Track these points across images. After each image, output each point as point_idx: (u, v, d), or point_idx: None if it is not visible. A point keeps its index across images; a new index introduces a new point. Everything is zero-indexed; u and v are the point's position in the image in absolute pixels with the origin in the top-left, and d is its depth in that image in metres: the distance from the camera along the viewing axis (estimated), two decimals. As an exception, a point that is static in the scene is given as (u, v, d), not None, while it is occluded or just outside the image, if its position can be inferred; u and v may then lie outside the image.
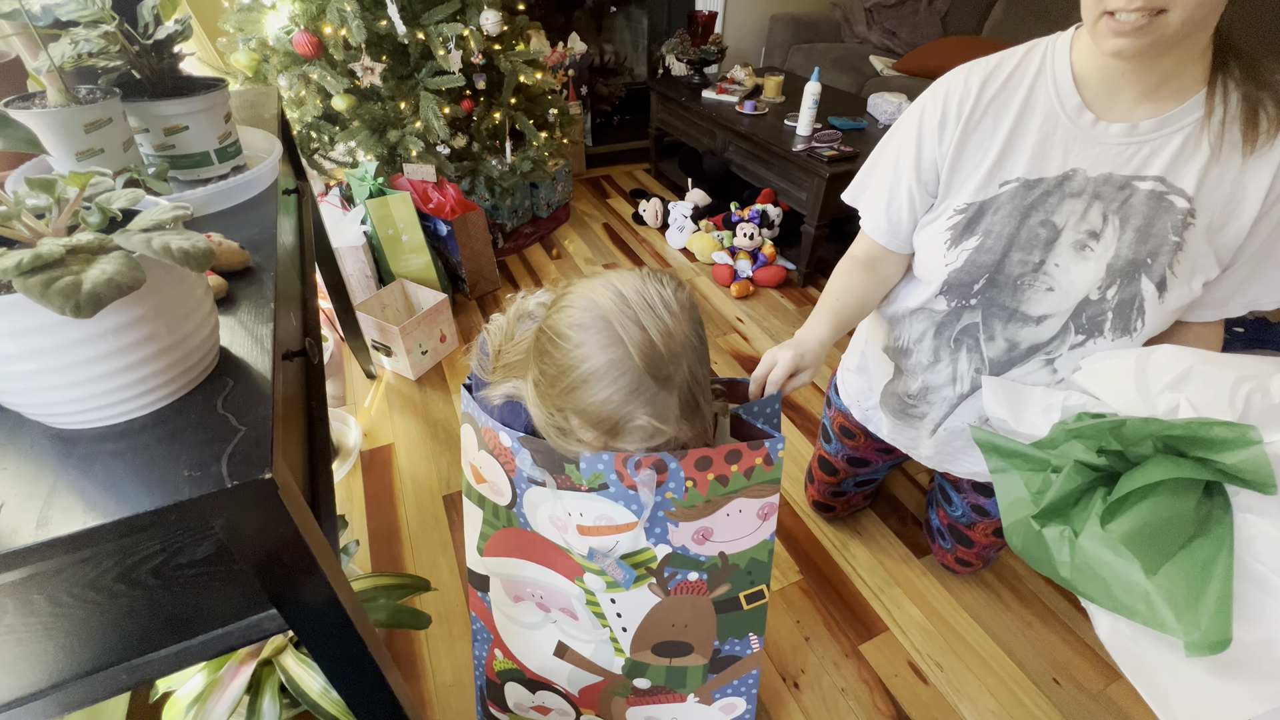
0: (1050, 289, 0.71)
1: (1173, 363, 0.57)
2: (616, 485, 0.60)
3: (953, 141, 0.72)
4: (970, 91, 0.70)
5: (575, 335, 0.51)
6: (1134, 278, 0.67)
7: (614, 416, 0.51)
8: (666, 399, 0.52)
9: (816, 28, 3.21)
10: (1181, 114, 0.62)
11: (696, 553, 0.66)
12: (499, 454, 0.64)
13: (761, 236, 2.14)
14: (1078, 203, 0.68)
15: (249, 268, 0.61)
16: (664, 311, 0.52)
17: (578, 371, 0.51)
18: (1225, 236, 0.65)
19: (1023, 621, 1.13)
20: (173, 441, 0.41)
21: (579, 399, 0.52)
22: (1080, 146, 0.67)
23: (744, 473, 0.61)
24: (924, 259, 0.80)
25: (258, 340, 0.52)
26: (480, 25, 1.83)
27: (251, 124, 0.99)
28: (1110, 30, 0.56)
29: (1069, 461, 0.60)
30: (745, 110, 2.22)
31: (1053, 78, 0.67)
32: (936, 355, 0.84)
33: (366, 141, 1.83)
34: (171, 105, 0.71)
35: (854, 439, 1.10)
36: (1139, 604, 0.53)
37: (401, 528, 1.26)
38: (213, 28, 1.86)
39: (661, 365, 0.51)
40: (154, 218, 0.41)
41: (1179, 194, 0.64)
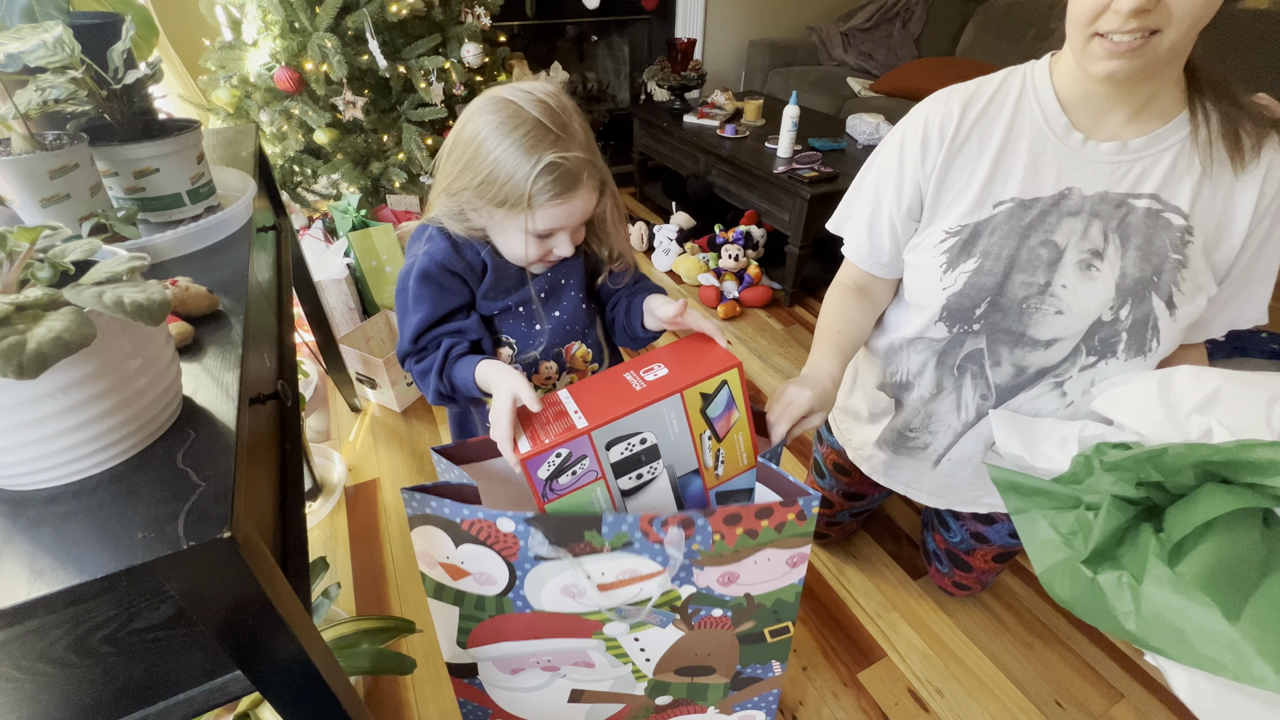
0: (1059, 311, 0.70)
1: (1198, 384, 0.55)
2: (642, 541, 0.58)
3: (936, 163, 0.71)
4: (952, 114, 0.70)
5: (471, 124, 0.61)
6: (1145, 297, 0.67)
7: (525, 167, 0.58)
8: (569, 142, 0.60)
9: (794, 51, 3.27)
10: (1168, 132, 0.63)
11: (721, 593, 0.64)
12: (495, 542, 0.59)
13: (746, 257, 2.15)
14: (1077, 221, 0.67)
15: (218, 312, 0.60)
16: (538, 89, 0.61)
17: (479, 141, 0.60)
18: (1220, 254, 0.66)
19: (1022, 643, 1.11)
20: (128, 501, 0.39)
21: (485, 165, 0.60)
22: (1073, 165, 0.67)
23: (775, 527, 0.59)
24: (919, 284, 0.78)
25: (223, 388, 0.50)
26: (461, 58, 1.85)
27: (227, 162, 0.98)
28: (1104, 52, 0.57)
29: (1104, 497, 0.56)
30: (726, 134, 2.25)
31: (1036, 100, 0.68)
32: (939, 385, 0.81)
33: (349, 174, 1.84)
34: (142, 148, 0.70)
35: (849, 475, 1.08)
36: (1225, 655, 0.47)
37: (387, 566, 1.23)
38: (194, 65, 1.87)
39: (555, 116, 0.59)
40: (109, 269, 0.40)
41: (1174, 211, 0.64)
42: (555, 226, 0.64)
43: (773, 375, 1.80)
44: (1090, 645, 1.10)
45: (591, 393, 0.59)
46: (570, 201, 0.62)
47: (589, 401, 0.58)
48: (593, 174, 0.64)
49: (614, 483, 0.60)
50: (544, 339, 0.75)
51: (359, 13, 1.66)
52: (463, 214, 0.68)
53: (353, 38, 1.71)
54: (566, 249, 0.67)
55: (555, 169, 0.59)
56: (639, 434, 0.58)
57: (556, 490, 0.58)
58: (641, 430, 0.58)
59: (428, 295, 0.68)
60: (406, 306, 0.70)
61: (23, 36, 0.64)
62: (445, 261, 0.68)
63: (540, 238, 0.65)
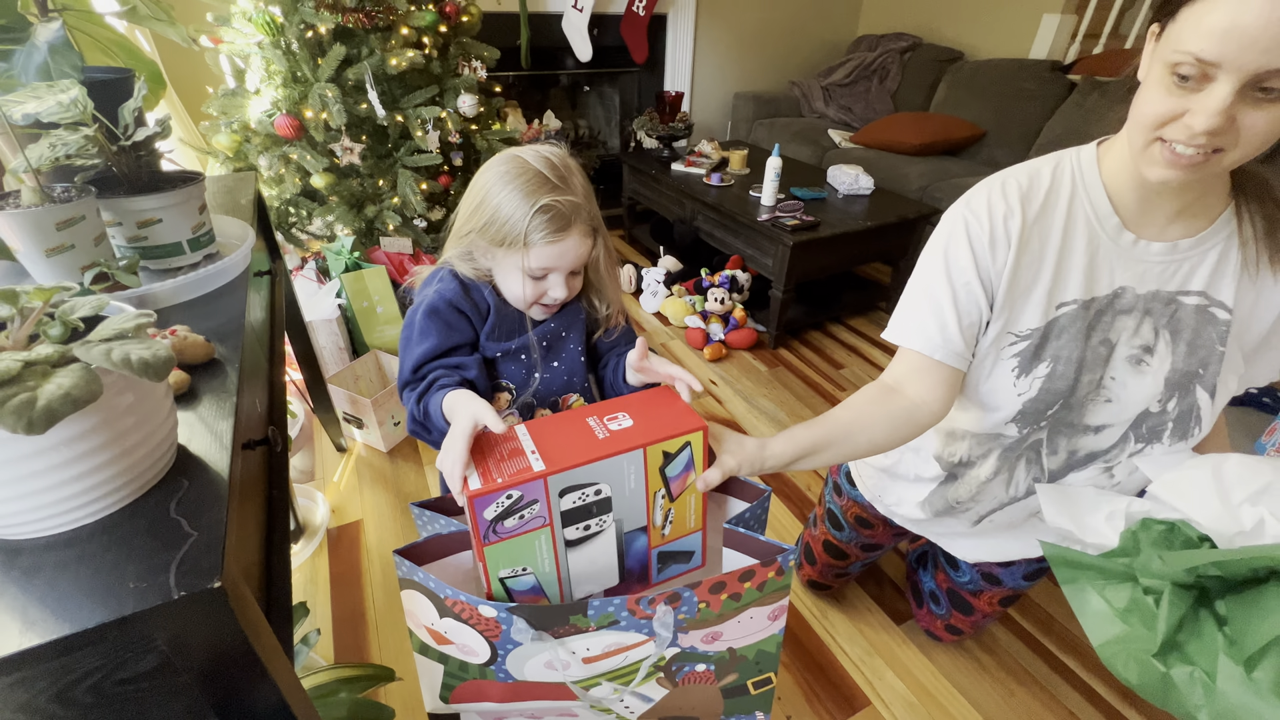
0: (1109, 400, 0.72)
1: (1250, 475, 0.56)
2: (628, 619, 0.58)
3: (1008, 260, 0.68)
4: (1014, 209, 0.68)
5: (482, 175, 0.70)
6: (1190, 389, 0.69)
7: (523, 208, 0.65)
8: (565, 190, 0.67)
9: (778, 104, 3.42)
10: (1214, 231, 0.65)
11: (705, 650, 0.65)
12: (477, 623, 0.59)
13: (732, 301, 2.20)
14: (1130, 319, 0.69)
15: (214, 359, 0.62)
16: (547, 149, 0.70)
17: (486, 188, 0.68)
18: (1249, 338, 0.69)
19: (1004, 689, 1.11)
20: (121, 550, 0.41)
21: (490, 208, 0.68)
22: (1125, 265, 0.68)
23: (757, 587, 0.60)
24: (987, 386, 0.76)
25: (217, 436, 0.52)
26: (458, 108, 1.92)
27: (227, 210, 1.01)
28: (1164, 160, 0.56)
29: (1164, 584, 0.57)
30: (712, 182, 2.34)
31: (1088, 197, 0.68)
32: (997, 471, 0.81)
33: (344, 216, 1.88)
34: (147, 200, 0.73)
35: (872, 528, 1.07)
36: None
37: (368, 610, 1.21)
38: (196, 110, 1.92)
39: (555, 169, 0.67)
40: (116, 326, 0.42)
41: (1220, 306, 0.67)
42: (548, 266, 0.70)
43: (757, 417, 1.83)
44: (1071, 691, 1.11)
45: (552, 434, 0.58)
46: (563, 242, 0.68)
47: (548, 443, 0.57)
48: (586, 220, 0.70)
49: (560, 531, 0.58)
50: (542, 386, 0.78)
51: (360, 65, 1.73)
52: (470, 255, 0.74)
53: (353, 88, 1.78)
54: (560, 291, 0.72)
55: (549, 210, 0.66)
56: (594, 485, 0.57)
57: (499, 534, 0.56)
58: (598, 482, 0.57)
59: (433, 329, 0.72)
60: (411, 339, 0.73)
61: (40, 96, 0.67)
62: (454, 300, 0.73)
63: (536, 278, 0.71)
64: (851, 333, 2.28)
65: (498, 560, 0.57)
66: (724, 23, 3.28)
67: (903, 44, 3.26)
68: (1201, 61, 0.50)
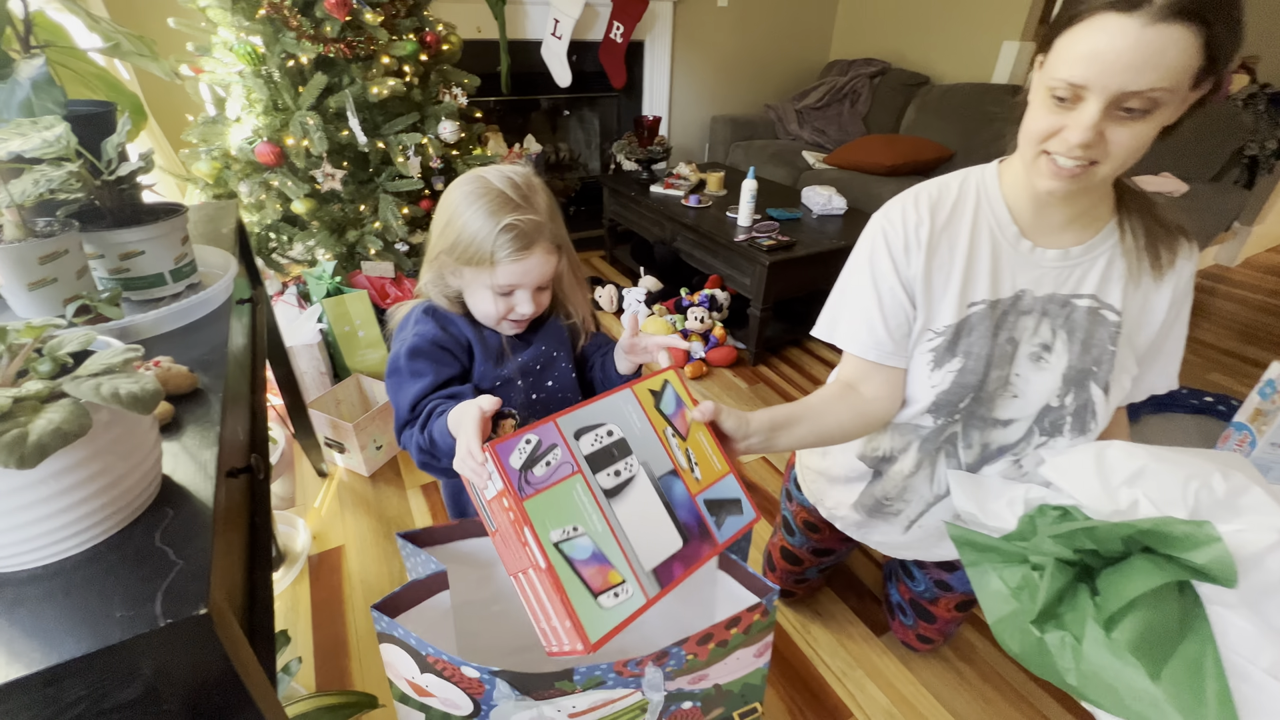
0: (1015, 396, 0.77)
1: (1127, 460, 0.60)
2: (616, 679, 0.58)
3: (920, 263, 0.75)
4: (924, 217, 0.75)
5: (448, 196, 0.72)
6: (1085, 385, 0.74)
7: (486, 228, 0.68)
8: (527, 210, 0.69)
9: (754, 127, 3.51)
10: (1101, 240, 0.72)
11: (691, 689, 0.65)
12: (459, 681, 0.58)
13: (712, 319, 2.24)
14: (1030, 319, 0.75)
15: (197, 389, 0.63)
16: (514, 170, 0.73)
17: (453, 209, 0.71)
18: (1139, 341, 0.75)
19: (983, 698, 1.13)
20: (106, 580, 0.41)
21: (456, 228, 0.70)
22: (1024, 269, 0.74)
23: (743, 631, 0.61)
24: (908, 382, 0.82)
25: (201, 465, 0.53)
26: (438, 134, 1.95)
27: (209, 238, 1.02)
28: (1049, 171, 0.63)
29: (1047, 559, 0.61)
30: (690, 203, 2.39)
31: (990, 208, 0.74)
32: (919, 465, 0.86)
33: (325, 241, 1.89)
34: (130, 233, 0.74)
35: (819, 532, 1.11)
36: (1150, 711, 0.53)
37: (349, 637, 1.20)
38: (176, 137, 1.93)
39: (518, 189, 0.70)
40: (104, 361, 0.43)
41: (1110, 309, 0.73)
42: (514, 283, 0.72)
43: (739, 433, 1.85)
44: (1048, 699, 1.13)
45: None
46: (527, 259, 0.71)
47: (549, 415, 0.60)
48: (549, 238, 0.72)
49: (593, 479, 0.56)
50: (540, 407, 0.80)
51: (341, 93, 1.76)
52: (442, 278, 0.77)
53: (334, 115, 1.80)
54: (527, 306, 0.74)
55: (513, 229, 0.69)
56: (604, 424, 0.59)
57: (533, 484, 0.54)
58: (606, 421, 0.59)
59: (422, 368, 0.74)
60: (402, 383, 0.74)
61: (25, 133, 0.69)
62: (435, 338, 0.75)
63: (503, 295, 0.73)
64: (829, 348, 2.33)
65: (543, 518, 0.52)
66: (700, 48, 3.37)
67: (872, 69, 3.38)
68: (1072, 85, 0.57)
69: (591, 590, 0.51)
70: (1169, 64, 0.53)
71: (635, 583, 0.54)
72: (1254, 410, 1.26)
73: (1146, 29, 0.52)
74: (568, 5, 2.75)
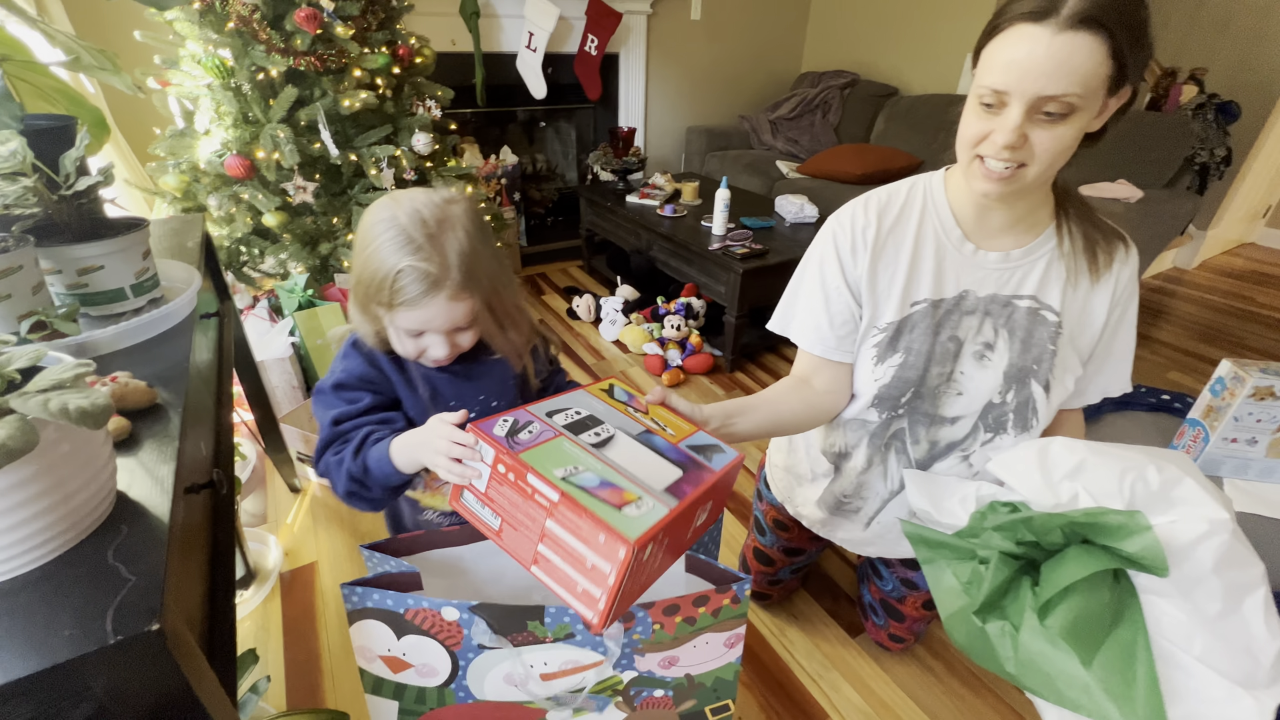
0: (960, 393, 0.80)
1: (1068, 454, 0.63)
2: (583, 633, 0.59)
3: (865, 264, 0.79)
4: (871, 221, 0.79)
5: (360, 225, 0.66)
6: (1026, 383, 0.77)
7: (385, 267, 0.62)
8: (430, 252, 0.63)
9: (728, 137, 3.57)
10: (1040, 243, 0.75)
11: (663, 675, 0.66)
12: (439, 631, 0.59)
13: (688, 327, 2.26)
14: (973, 319, 0.78)
15: (157, 404, 0.62)
16: (436, 196, 0.66)
17: (360, 239, 0.65)
18: (1082, 342, 0.77)
19: (955, 695, 1.15)
20: (56, 598, 0.41)
21: (362, 260, 0.65)
22: (968, 271, 0.77)
23: (712, 613, 0.62)
24: (855, 376, 0.86)
25: (158, 481, 0.52)
26: (412, 146, 1.95)
27: (174, 253, 1.01)
28: (982, 174, 0.67)
29: (993, 552, 0.63)
30: (666, 213, 2.42)
31: (936, 213, 0.78)
32: (870, 460, 0.89)
33: (297, 254, 1.87)
34: (88, 248, 0.73)
35: (788, 531, 1.13)
36: (1082, 696, 0.55)
37: (322, 655, 1.18)
38: (143, 151, 1.91)
39: (425, 227, 0.63)
40: (54, 377, 0.43)
41: (1049, 309, 0.76)
42: (414, 328, 0.66)
43: (716, 439, 1.87)
44: (1018, 694, 1.16)
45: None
46: (425, 307, 0.64)
47: None
48: (458, 283, 0.64)
49: (576, 438, 0.58)
50: None
51: (313, 106, 1.75)
52: (364, 309, 0.70)
53: (305, 128, 1.79)
54: (440, 350, 0.68)
55: (410, 274, 0.62)
56: (571, 407, 0.63)
57: (521, 444, 0.55)
58: (572, 405, 0.63)
59: (346, 397, 0.71)
60: (327, 404, 0.71)
61: (-23, 149, 0.68)
62: (362, 374, 0.72)
63: (413, 335, 0.68)
64: (805, 354, 2.36)
65: (544, 461, 0.53)
66: (674, 61, 3.42)
67: (842, 80, 3.45)
68: (996, 91, 0.62)
69: (613, 506, 0.51)
70: (1078, 69, 0.57)
71: (652, 499, 0.53)
72: (1206, 407, 1.31)
73: (1056, 37, 0.57)
74: (542, 18, 2.77)
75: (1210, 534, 0.49)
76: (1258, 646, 0.49)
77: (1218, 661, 0.50)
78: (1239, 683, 0.49)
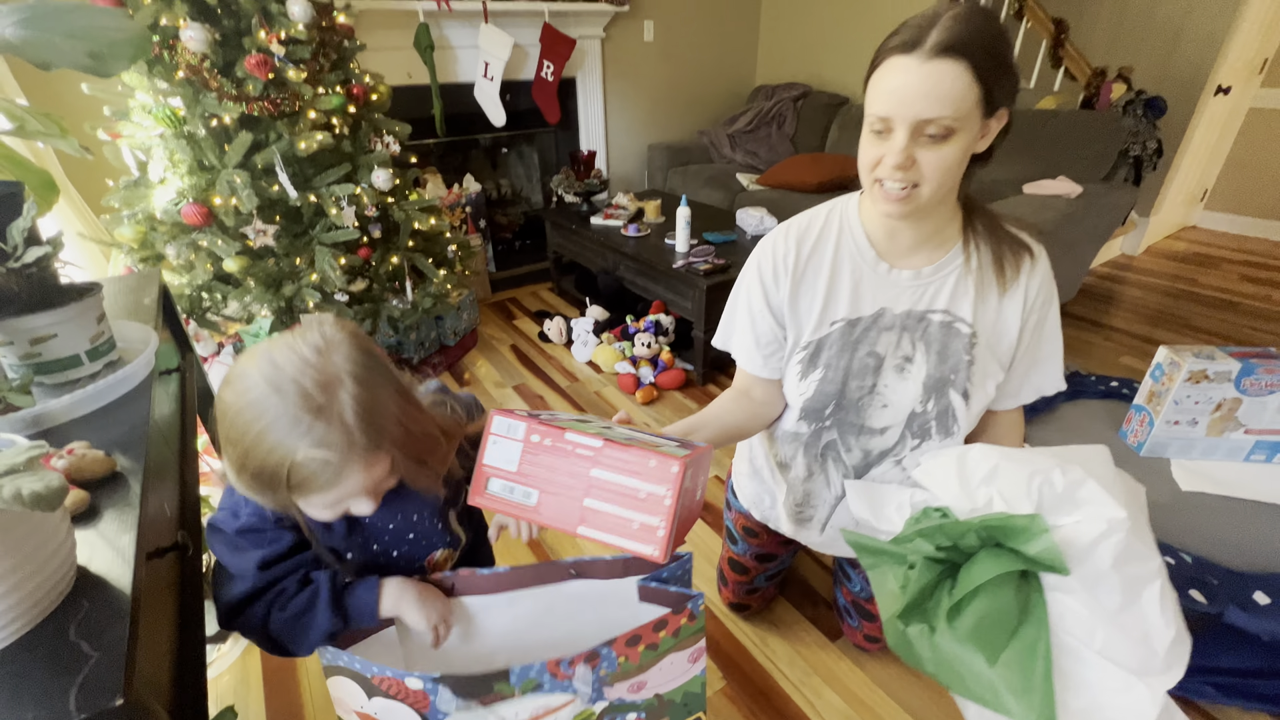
0: (885, 405, 0.84)
1: (983, 460, 0.65)
2: (551, 681, 0.61)
3: (787, 289, 0.85)
4: (790, 248, 0.85)
5: (228, 394, 0.54)
6: (944, 392, 0.81)
7: (275, 459, 0.52)
8: (327, 429, 0.53)
9: (689, 152, 3.64)
10: (949, 260, 0.80)
11: (633, 699, 0.68)
12: (405, 697, 0.60)
13: (658, 344, 2.29)
14: (891, 334, 0.82)
15: (116, 472, 0.62)
16: (308, 351, 0.54)
17: (230, 422, 0.54)
18: (1001, 349, 0.82)
19: (934, 691, 1.18)
20: (18, 682, 0.41)
21: (239, 450, 0.53)
22: (882, 289, 0.82)
23: (672, 634, 0.65)
24: (785, 390, 0.92)
25: (119, 551, 0.53)
26: (372, 182, 1.96)
27: (129, 311, 1.01)
28: (881, 196, 0.72)
29: (919, 557, 0.66)
30: (629, 233, 2.45)
31: (851, 236, 0.83)
32: (810, 470, 0.94)
33: (261, 296, 1.86)
34: (40, 318, 0.73)
35: (758, 537, 1.16)
36: (988, 694, 0.57)
37: (304, 707, 1.17)
38: (96, 203, 1.88)
39: (310, 397, 0.52)
40: (6, 461, 0.43)
41: (962, 321, 0.80)
42: (329, 505, 0.59)
43: (692, 454, 1.89)
44: (992, 683, 1.19)
45: None
46: (338, 488, 0.56)
47: None
48: (365, 448, 0.55)
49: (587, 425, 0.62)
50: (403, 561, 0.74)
51: (269, 149, 1.76)
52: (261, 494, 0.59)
53: (263, 171, 1.79)
54: (365, 508, 0.61)
55: (309, 466, 0.53)
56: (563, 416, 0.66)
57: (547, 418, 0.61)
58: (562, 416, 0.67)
59: (264, 539, 0.64)
60: (238, 547, 0.63)
61: (-80, 228, 0.68)
62: (269, 513, 0.63)
63: (329, 507, 0.60)
64: (775, 363, 2.41)
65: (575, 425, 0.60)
66: (631, 81, 3.49)
67: (795, 92, 3.55)
68: (882, 118, 0.67)
69: (649, 446, 0.56)
70: (947, 93, 0.63)
71: (671, 447, 0.59)
72: (1149, 392, 1.37)
73: (924, 65, 0.63)
74: (496, 48, 2.81)
75: (1109, 533, 0.52)
76: (1154, 635, 0.52)
77: (1118, 653, 0.53)
78: (1136, 671, 0.52)
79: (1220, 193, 3.76)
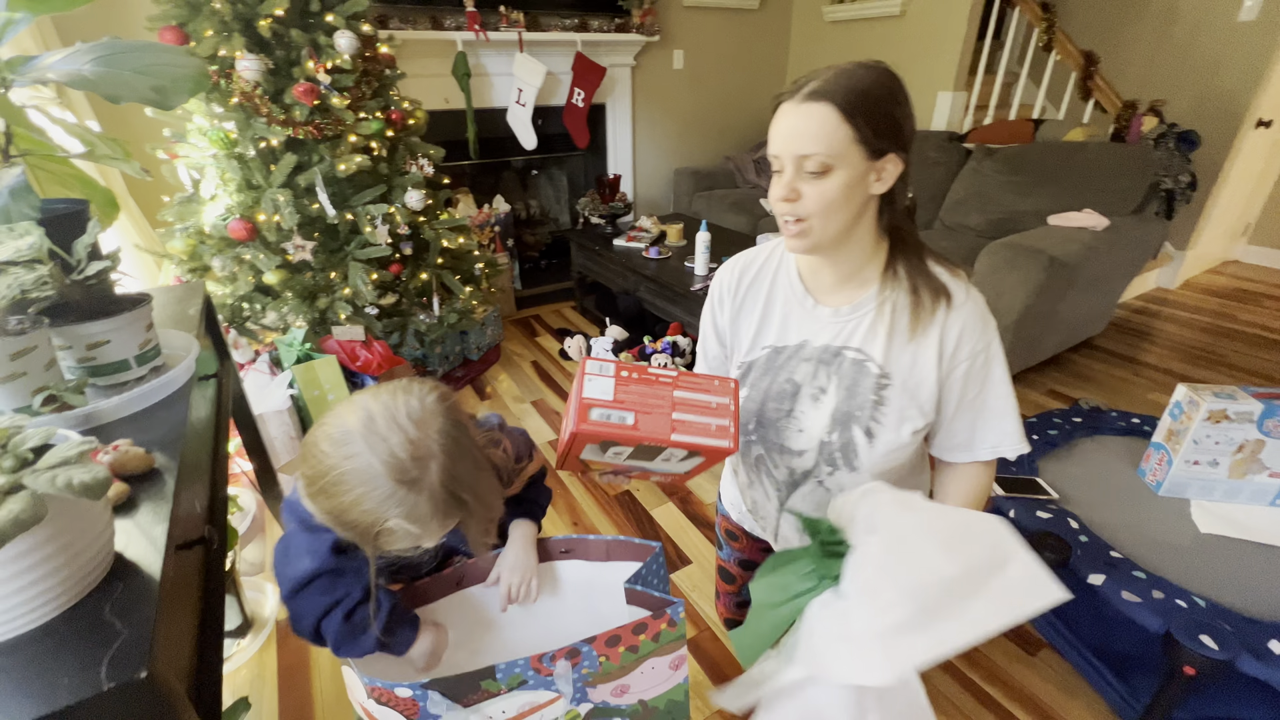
0: (801, 430, 0.87)
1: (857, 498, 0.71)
2: (535, 677, 0.65)
3: (729, 314, 0.93)
4: (733, 279, 0.92)
5: (328, 448, 0.60)
6: (849, 426, 0.83)
7: (366, 520, 0.60)
8: (417, 500, 0.59)
9: (715, 177, 3.70)
10: (865, 302, 0.82)
11: (617, 704, 0.71)
12: (395, 705, 0.64)
13: (675, 365, 2.32)
14: (809, 365, 0.85)
15: (154, 469, 0.68)
16: (406, 421, 0.60)
17: (327, 479, 0.60)
18: (922, 395, 0.82)
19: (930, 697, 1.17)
20: (58, 651, 0.46)
21: (331, 504, 0.60)
22: (807, 323, 0.86)
23: (652, 638, 0.68)
24: None
25: (152, 541, 0.58)
26: (405, 202, 2.06)
27: (176, 320, 1.09)
28: (785, 232, 0.78)
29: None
30: (651, 255, 2.51)
31: (785, 272, 0.89)
32: (750, 479, 0.98)
33: (297, 308, 1.96)
34: (96, 325, 0.81)
35: (738, 541, 1.17)
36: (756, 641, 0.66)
37: (315, 703, 1.22)
38: (153, 215, 2.02)
39: (406, 470, 0.59)
40: (61, 454, 0.49)
41: (872, 361, 0.81)
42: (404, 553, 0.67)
43: (706, 472, 1.91)
44: (988, 680, 1.17)
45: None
46: (421, 541, 0.64)
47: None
48: (444, 514, 0.62)
49: None
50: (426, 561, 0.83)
51: (311, 171, 1.87)
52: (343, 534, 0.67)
53: (304, 190, 1.91)
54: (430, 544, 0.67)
55: (397, 533, 0.60)
56: None
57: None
58: None
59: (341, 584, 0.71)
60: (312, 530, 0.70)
61: (1, 241, 0.76)
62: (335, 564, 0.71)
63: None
64: (792, 387, 2.42)
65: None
66: (660, 107, 3.58)
67: (821, 120, 3.59)
68: (773, 156, 0.74)
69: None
70: (817, 131, 0.70)
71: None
72: (1168, 430, 1.35)
73: (798, 107, 0.71)
74: (530, 76, 2.93)
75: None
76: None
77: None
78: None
79: (1264, 227, 3.65)
